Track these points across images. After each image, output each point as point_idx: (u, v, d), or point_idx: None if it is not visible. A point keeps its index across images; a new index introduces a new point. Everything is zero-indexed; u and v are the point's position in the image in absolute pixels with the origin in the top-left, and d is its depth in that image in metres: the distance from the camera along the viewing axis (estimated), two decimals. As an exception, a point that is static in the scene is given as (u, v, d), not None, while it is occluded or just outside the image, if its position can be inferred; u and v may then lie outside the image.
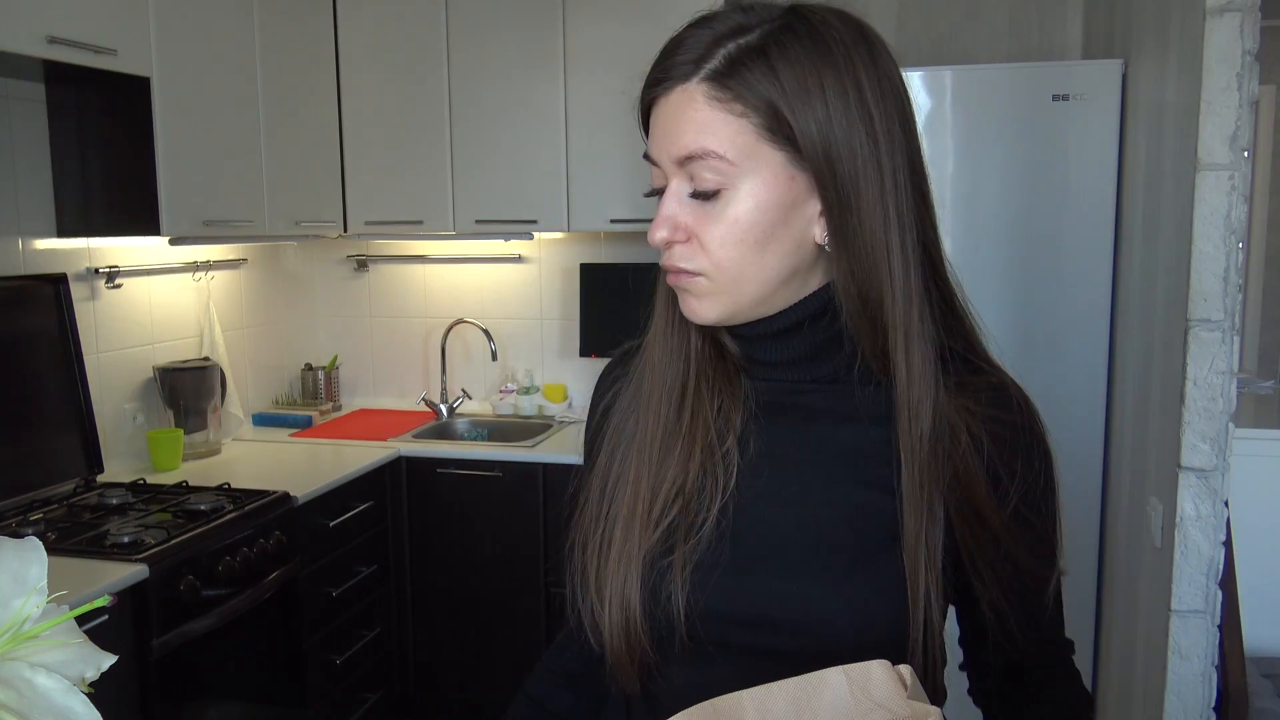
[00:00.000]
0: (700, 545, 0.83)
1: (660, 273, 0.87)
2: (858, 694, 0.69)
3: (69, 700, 0.55)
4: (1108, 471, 2.48)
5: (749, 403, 0.87)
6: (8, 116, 2.38)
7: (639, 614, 0.83)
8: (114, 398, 2.71)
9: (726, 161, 0.77)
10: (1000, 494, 0.83)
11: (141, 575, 1.97)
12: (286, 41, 2.93)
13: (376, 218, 3.26)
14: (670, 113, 0.79)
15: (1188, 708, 1.90)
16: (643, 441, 0.87)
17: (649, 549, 0.84)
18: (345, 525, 2.74)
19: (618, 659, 0.84)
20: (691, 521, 0.84)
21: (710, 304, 0.81)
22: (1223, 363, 1.81)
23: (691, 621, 0.81)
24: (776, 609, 0.81)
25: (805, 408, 0.86)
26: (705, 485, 0.85)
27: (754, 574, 0.82)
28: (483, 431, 3.37)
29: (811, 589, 0.81)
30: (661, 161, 0.80)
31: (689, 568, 0.82)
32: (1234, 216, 1.79)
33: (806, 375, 0.86)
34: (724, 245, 0.78)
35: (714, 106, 0.77)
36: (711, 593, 0.82)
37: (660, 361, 0.88)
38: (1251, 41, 1.74)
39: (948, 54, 3.03)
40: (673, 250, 0.80)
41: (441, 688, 3.12)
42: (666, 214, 0.80)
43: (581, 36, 3.02)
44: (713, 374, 0.88)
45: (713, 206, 0.78)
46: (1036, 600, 0.88)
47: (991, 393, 0.85)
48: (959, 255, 2.52)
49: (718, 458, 0.85)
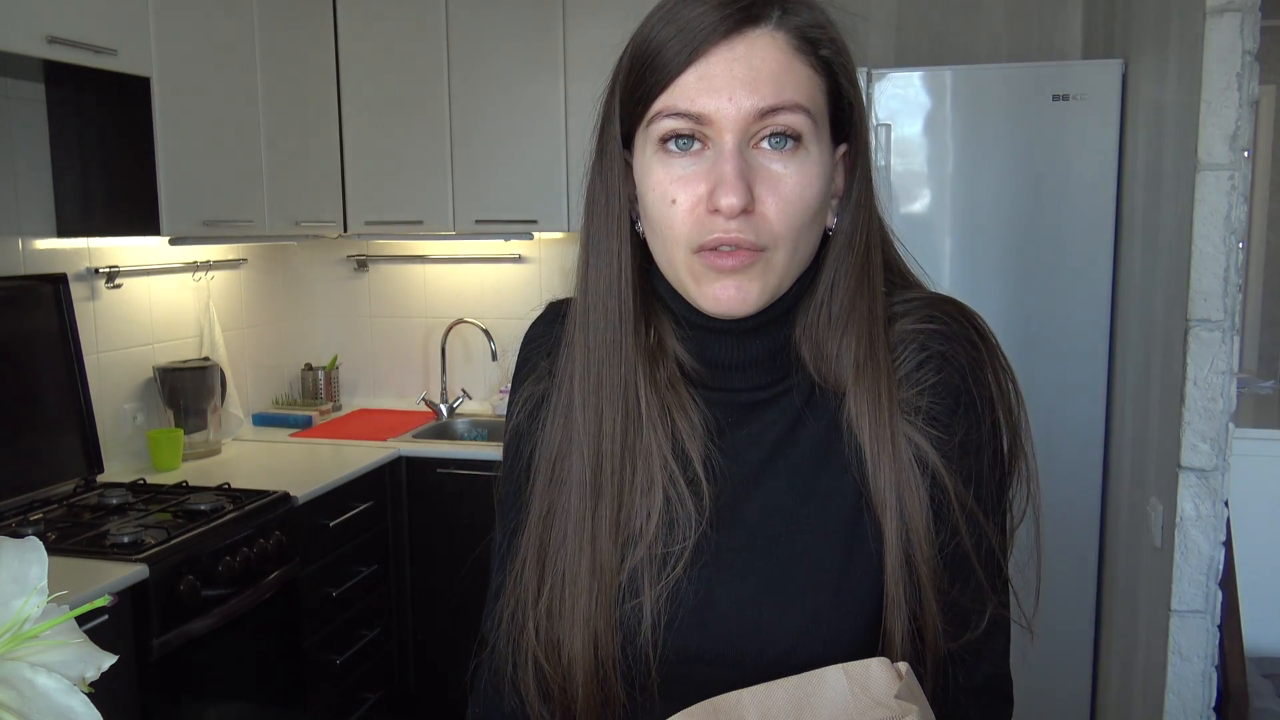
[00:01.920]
0: (666, 588, 0.76)
1: (582, 299, 0.78)
2: (857, 692, 0.69)
3: (69, 700, 0.55)
4: (1108, 471, 2.48)
5: (707, 423, 0.79)
6: (8, 116, 2.38)
7: (612, 660, 0.75)
8: (114, 398, 2.71)
9: (811, 119, 0.70)
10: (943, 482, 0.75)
11: (141, 575, 1.97)
12: (286, 41, 2.93)
13: (376, 218, 3.26)
14: (749, 55, 0.69)
15: (1188, 708, 1.90)
16: (595, 480, 0.77)
17: (614, 593, 0.76)
18: (345, 525, 2.74)
19: (588, 707, 0.77)
20: (658, 558, 0.76)
21: (758, 288, 0.72)
22: (1223, 363, 1.81)
23: (662, 663, 0.75)
24: (744, 645, 0.75)
25: (767, 416, 0.79)
26: (674, 518, 0.77)
27: (719, 612, 0.76)
28: (483, 431, 3.37)
29: (778, 620, 0.75)
30: (725, 114, 0.69)
31: (659, 611, 0.75)
32: (1234, 216, 1.79)
33: (764, 379, 0.79)
34: (785, 215, 0.70)
35: (798, 58, 0.70)
36: (679, 632, 0.75)
37: (591, 403, 0.78)
38: (1251, 41, 1.74)
39: (948, 54, 3.03)
40: (732, 224, 0.70)
41: (442, 687, 3.12)
42: (737, 172, 0.68)
43: (581, 37, 3.02)
44: (662, 401, 0.78)
45: (782, 168, 0.70)
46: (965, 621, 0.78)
47: (925, 317, 0.78)
48: (959, 255, 2.53)
49: (680, 490, 0.77)
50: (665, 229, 0.73)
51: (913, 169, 2.51)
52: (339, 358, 3.63)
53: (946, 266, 2.52)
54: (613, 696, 0.76)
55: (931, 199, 2.52)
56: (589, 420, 0.78)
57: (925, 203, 2.52)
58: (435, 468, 3.00)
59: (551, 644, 0.77)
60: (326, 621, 2.70)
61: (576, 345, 0.79)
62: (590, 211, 0.80)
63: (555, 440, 0.80)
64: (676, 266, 0.74)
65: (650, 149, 0.73)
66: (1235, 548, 2.09)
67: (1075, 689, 2.54)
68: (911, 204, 2.52)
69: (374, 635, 2.92)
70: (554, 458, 0.80)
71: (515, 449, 0.86)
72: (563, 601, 0.77)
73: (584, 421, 0.78)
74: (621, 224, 0.77)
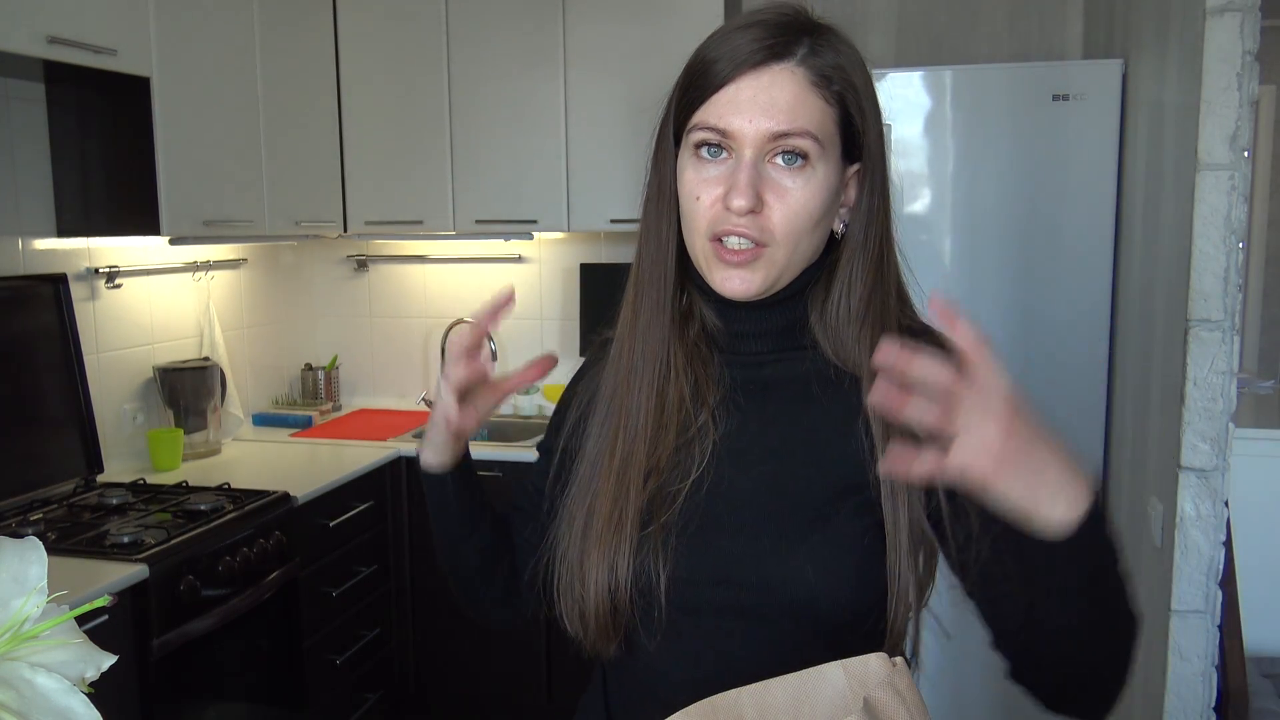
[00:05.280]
0: (675, 516, 0.89)
1: (637, 265, 0.93)
2: (855, 687, 0.69)
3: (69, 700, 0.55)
4: (1108, 471, 2.48)
5: (724, 379, 0.93)
6: (8, 116, 2.38)
7: (625, 582, 0.88)
8: (114, 398, 2.71)
9: (818, 144, 0.84)
10: None
11: (141, 575, 1.97)
12: (286, 41, 2.93)
13: (376, 218, 3.26)
14: (770, 86, 0.84)
15: (1188, 708, 1.90)
16: (627, 424, 0.92)
17: (632, 521, 0.89)
18: (345, 525, 2.74)
19: (602, 627, 0.89)
20: (669, 494, 0.90)
21: (761, 277, 0.87)
22: (1223, 363, 1.81)
23: (669, 586, 0.87)
24: (742, 568, 0.86)
25: (775, 379, 0.93)
26: (681, 460, 0.91)
27: (721, 537, 0.88)
28: (483, 431, 3.37)
29: (774, 546, 0.86)
30: (745, 132, 0.84)
31: (668, 537, 0.88)
32: (1234, 216, 1.79)
33: (777, 345, 0.93)
34: (788, 220, 0.85)
35: (812, 90, 0.85)
36: (683, 556, 0.88)
37: (637, 350, 0.93)
38: (1251, 41, 1.74)
39: (948, 54, 3.03)
40: (740, 220, 0.84)
41: (441, 688, 3.12)
42: (749, 181, 0.83)
43: (581, 36, 3.02)
44: (689, 355, 0.94)
45: (790, 182, 0.85)
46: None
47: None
48: (959, 255, 2.52)
49: (693, 433, 0.91)
50: (690, 219, 0.89)
51: (913, 169, 2.51)
52: (339, 358, 3.63)
53: (946, 266, 2.51)
54: (622, 606, 0.88)
55: (931, 199, 2.52)
56: (633, 364, 0.93)
57: (925, 203, 2.52)
58: (435, 468, 3.00)
59: (575, 558, 0.91)
60: (326, 621, 2.70)
61: (628, 303, 0.95)
62: (648, 197, 0.95)
63: (609, 383, 0.96)
64: (697, 251, 0.90)
65: (688, 153, 0.89)
66: (1235, 548, 2.09)
67: (1075, 689, 2.54)
68: (911, 204, 2.52)
69: (374, 635, 2.92)
70: (607, 397, 0.95)
71: (563, 400, 1.05)
72: (588, 523, 0.91)
73: (628, 364, 0.93)
74: (670, 209, 0.92)
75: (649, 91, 0.99)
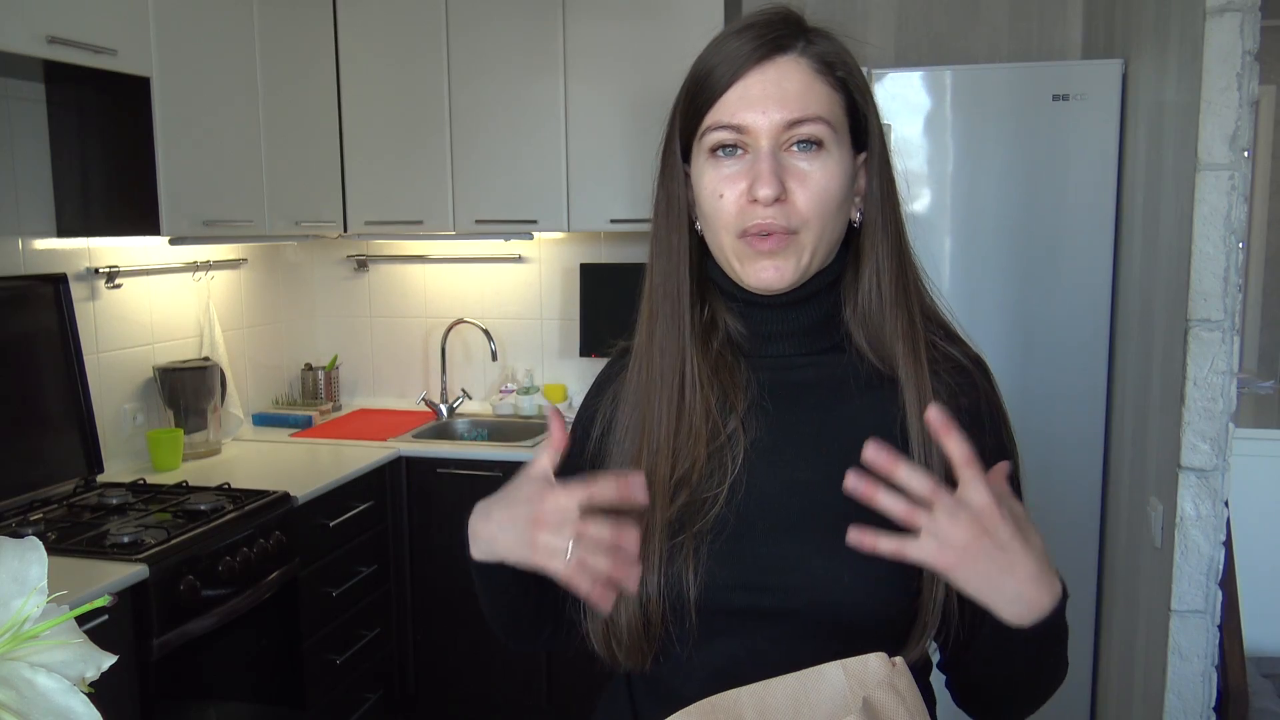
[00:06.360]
0: (708, 524, 0.88)
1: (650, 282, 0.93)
2: (855, 687, 0.69)
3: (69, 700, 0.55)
4: (1108, 471, 2.48)
5: (751, 384, 0.93)
6: (8, 116, 2.38)
7: (656, 596, 0.87)
8: (114, 398, 2.71)
9: (830, 129, 0.86)
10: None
11: (141, 575, 1.97)
12: (286, 41, 2.93)
13: (376, 218, 3.26)
14: (779, 78, 0.85)
15: (1188, 708, 1.90)
16: (649, 441, 0.91)
17: (660, 534, 0.88)
18: (345, 525, 2.74)
19: (635, 643, 0.88)
20: (700, 503, 0.89)
21: (793, 265, 0.87)
22: (1223, 363, 1.81)
23: (700, 594, 0.86)
24: (774, 572, 0.86)
25: (805, 381, 0.93)
26: (713, 469, 0.90)
27: (754, 542, 0.87)
28: (483, 431, 3.37)
29: (804, 550, 0.86)
30: (760, 125, 0.85)
31: (700, 546, 0.87)
32: (1234, 216, 1.79)
33: (806, 347, 0.93)
34: (811, 204, 0.86)
35: (818, 79, 0.86)
36: (715, 563, 0.87)
37: (655, 366, 0.93)
38: (1251, 41, 1.74)
39: (948, 54, 3.04)
40: (768, 211, 0.85)
41: (441, 688, 3.12)
42: (771, 170, 0.84)
43: (581, 36, 3.01)
44: (713, 366, 0.93)
45: (809, 165, 0.85)
46: None
47: (961, 362, 0.93)
48: (959, 255, 2.53)
49: (723, 441, 0.90)
50: (715, 219, 0.89)
51: (913, 169, 2.51)
52: (339, 358, 3.63)
53: (946, 266, 2.51)
54: (654, 620, 0.87)
55: (931, 199, 2.52)
56: (650, 379, 0.93)
57: (925, 203, 2.52)
58: (435, 468, 3.00)
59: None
60: (326, 621, 2.70)
61: (644, 317, 0.95)
62: (657, 213, 0.95)
63: (628, 402, 0.95)
64: (725, 250, 0.89)
65: (703, 158, 0.89)
66: (1235, 548, 2.09)
67: (1075, 689, 2.54)
68: (911, 204, 2.50)
69: (374, 635, 2.92)
70: (626, 416, 0.95)
71: (582, 414, 1.03)
72: None
73: (646, 379, 0.93)
74: (682, 222, 0.93)
75: (649, 91, 1.00)
